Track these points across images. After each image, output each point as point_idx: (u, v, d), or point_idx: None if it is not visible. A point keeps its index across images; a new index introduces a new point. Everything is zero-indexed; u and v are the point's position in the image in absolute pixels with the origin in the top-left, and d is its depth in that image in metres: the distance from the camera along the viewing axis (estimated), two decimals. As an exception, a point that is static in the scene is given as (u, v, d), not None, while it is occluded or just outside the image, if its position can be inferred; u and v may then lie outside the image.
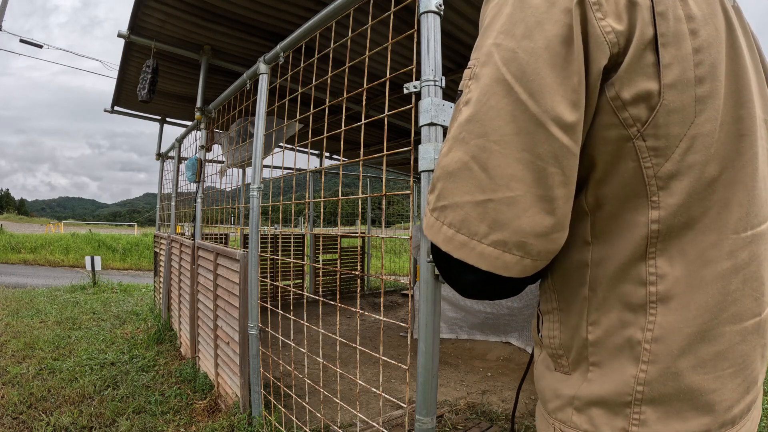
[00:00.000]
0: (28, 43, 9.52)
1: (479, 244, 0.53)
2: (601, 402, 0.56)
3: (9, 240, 15.71)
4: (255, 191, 2.51)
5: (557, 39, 0.49)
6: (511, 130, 0.50)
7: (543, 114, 0.49)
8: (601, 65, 0.49)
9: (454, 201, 0.54)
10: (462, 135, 0.54)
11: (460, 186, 0.54)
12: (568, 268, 0.60)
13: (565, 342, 0.61)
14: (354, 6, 1.78)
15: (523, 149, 0.50)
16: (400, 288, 8.48)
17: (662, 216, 0.52)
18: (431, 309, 1.32)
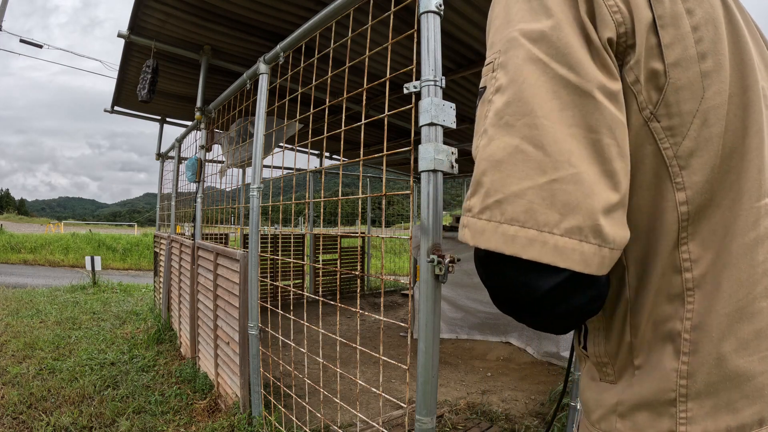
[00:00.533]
0: (28, 43, 9.52)
1: (552, 236, 0.45)
2: (644, 404, 0.53)
3: (9, 240, 15.71)
4: (255, 191, 2.51)
5: (576, 19, 0.49)
6: (556, 106, 0.47)
7: (587, 83, 0.47)
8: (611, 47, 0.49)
9: (510, 191, 0.47)
10: (504, 120, 0.49)
11: (514, 173, 0.47)
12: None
13: (611, 349, 0.58)
14: (354, 6, 1.78)
15: (573, 124, 0.46)
16: (400, 288, 8.48)
17: (689, 196, 0.51)
18: (431, 309, 1.32)
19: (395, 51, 3.48)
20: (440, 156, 1.30)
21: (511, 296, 0.51)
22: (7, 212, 62.11)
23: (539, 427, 2.84)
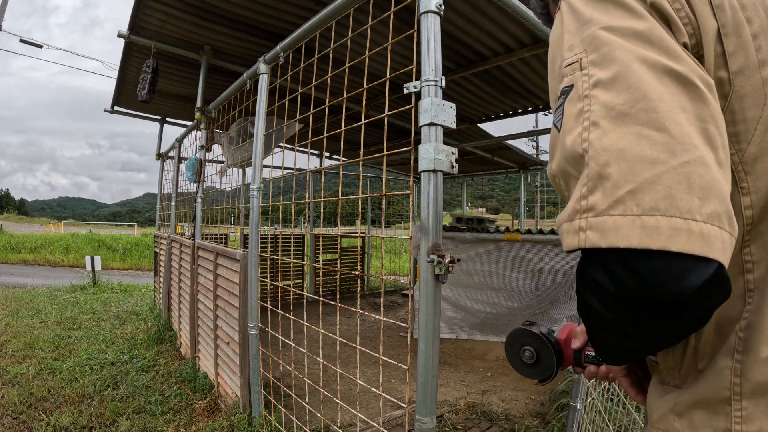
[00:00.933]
0: (28, 43, 9.52)
1: (696, 223, 0.41)
2: (701, 403, 0.53)
3: (9, 240, 15.71)
4: (255, 191, 2.51)
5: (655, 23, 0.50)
6: (666, 91, 0.45)
7: (690, 73, 0.46)
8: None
9: (644, 178, 0.42)
10: (615, 109, 0.45)
11: (643, 158, 0.42)
12: None
13: (677, 355, 0.58)
14: (354, 6, 1.78)
15: (684, 109, 0.45)
16: (400, 288, 8.48)
17: (753, 201, 0.52)
18: (431, 309, 1.32)
19: (395, 51, 3.48)
20: (440, 156, 1.30)
21: (650, 300, 0.42)
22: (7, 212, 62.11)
23: (539, 427, 2.84)
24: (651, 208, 0.42)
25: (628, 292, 0.43)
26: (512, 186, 16.51)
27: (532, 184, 8.63)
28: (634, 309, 0.44)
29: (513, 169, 7.68)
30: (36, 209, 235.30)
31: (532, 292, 4.41)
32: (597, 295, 0.46)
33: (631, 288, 0.43)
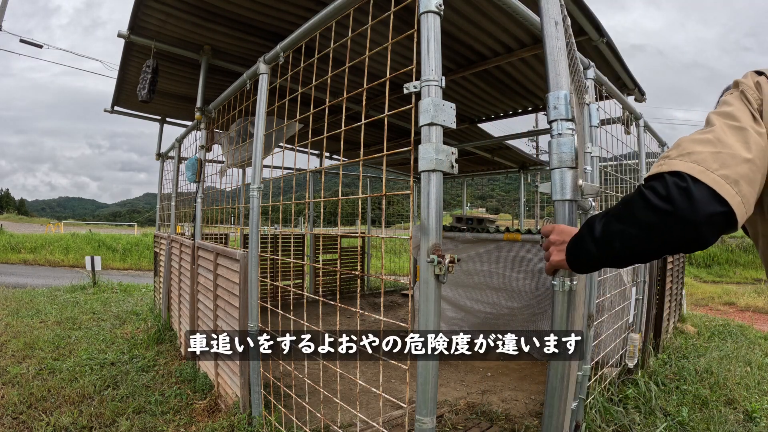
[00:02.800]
0: (28, 43, 9.52)
1: (713, 174, 0.76)
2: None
3: (9, 240, 15.71)
4: (255, 191, 2.51)
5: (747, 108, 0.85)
6: (728, 131, 0.81)
7: (744, 124, 0.81)
8: None
9: (697, 151, 0.79)
10: (703, 134, 0.85)
11: (699, 144, 0.81)
12: None
13: None
14: (354, 6, 1.78)
15: (733, 136, 0.80)
16: (400, 288, 8.48)
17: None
18: (431, 309, 1.32)
19: (395, 51, 3.48)
20: (440, 156, 1.30)
21: (683, 206, 0.75)
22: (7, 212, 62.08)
23: (539, 427, 2.84)
24: (695, 161, 0.77)
25: (672, 196, 0.75)
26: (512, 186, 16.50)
27: (532, 184, 8.62)
28: (674, 213, 0.75)
29: (513, 169, 7.67)
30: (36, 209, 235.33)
31: (532, 292, 4.40)
32: (653, 195, 0.77)
33: (675, 194, 0.75)
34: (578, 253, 0.94)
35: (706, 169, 0.74)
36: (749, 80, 0.84)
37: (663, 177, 0.77)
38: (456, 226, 5.03)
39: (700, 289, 12.40)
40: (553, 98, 1.21)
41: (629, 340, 3.65)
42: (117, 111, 5.42)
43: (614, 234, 0.83)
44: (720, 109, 0.85)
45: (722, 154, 0.76)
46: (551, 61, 1.24)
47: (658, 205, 0.76)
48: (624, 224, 0.82)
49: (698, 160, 0.76)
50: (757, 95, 0.81)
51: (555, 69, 1.23)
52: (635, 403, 3.19)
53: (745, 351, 4.76)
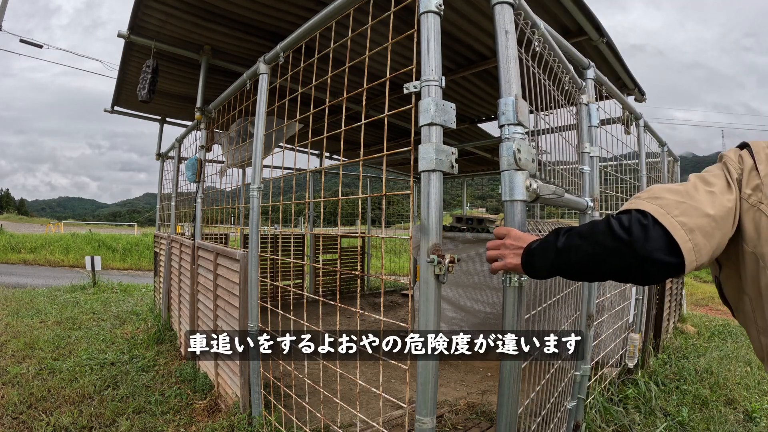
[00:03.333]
0: (28, 42, 9.52)
1: (674, 218, 0.84)
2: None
3: (9, 240, 15.71)
4: (255, 191, 2.51)
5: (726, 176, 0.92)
6: (701, 191, 0.88)
7: (715, 188, 0.88)
8: None
9: (664, 198, 0.87)
10: (676, 188, 0.93)
11: (671, 194, 0.90)
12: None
13: None
14: (354, 6, 1.78)
15: (705, 194, 0.87)
16: (400, 288, 8.48)
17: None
18: (431, 309, 1.32)
19: (395, 51, 3.48)
20: (440, 156, 1.30)
21: (637, 241, 0.83)
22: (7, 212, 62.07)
23: (539, 427, 2.84)
24: (660, 204, 0.84)
25: (632, 229, 0.84)
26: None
27: (532, 184, 8.60)
28: (628, 242, 0.83)
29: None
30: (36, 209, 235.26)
31: (531, 292, 4.40)
32: (616, 224, 0.86)
33: (635, 227, 0.83)
34: (537, 260, 1.03)
35: (668, 213, 0.82)
36: (732, 154, 0.91)
37: (630, 212, 0.86)
38: (456, 226, 5.03)
39: (700, 289, 12.40)
40: (502, 104, 1.29)
41: (629, 340, 3.65)
42: (117, 111, 5.42)
43: (573, 248, 0.93)
44: (700, 173, 0.93)
45: (686, 204, 0.83)
46: (502, 68, 1.32)
47: (618, 232, 0.85)
48: (584, 241, 0.91)
49: (663, 204, 0.84)
50: (738, 167, 0.88)
51: (506, 76, 1.31)
52: (635, 403, 3.19)
53: (745, 351, 4.76)
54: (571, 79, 2.08)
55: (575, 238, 0.93)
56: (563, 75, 2.00)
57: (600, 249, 0.88)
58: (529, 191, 1.26)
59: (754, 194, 0.84)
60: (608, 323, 3.45)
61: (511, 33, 1.32)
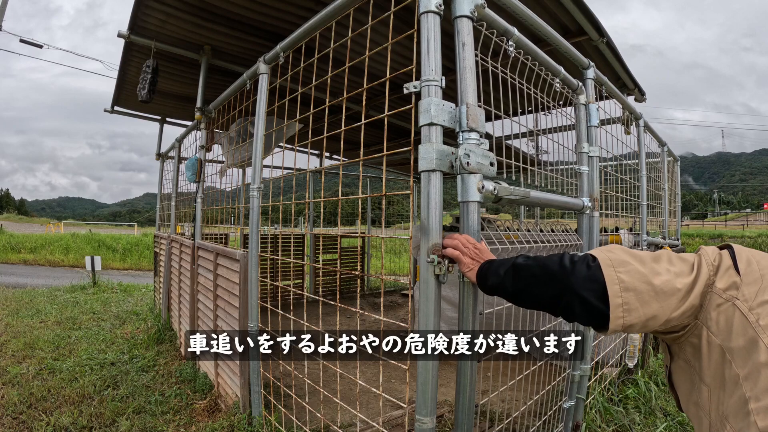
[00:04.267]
0: (28, 42, 9.51)
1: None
2: None
3: (9, 240, 15.71)
4: (255, 191, 2.51)
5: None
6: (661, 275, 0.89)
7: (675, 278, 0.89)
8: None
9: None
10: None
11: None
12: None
13: None
14: (354, 6, 1.78)
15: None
16: (400, 288, 8.47)
17: None
18: (431, 309, 1.32)
19: (395, 51, 3.48)
20: (440, 156, 1.30)
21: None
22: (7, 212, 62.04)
23: (539, 427, 2.84)
24: (610, 258, 0.90)
25: (576, 265, 0.91)
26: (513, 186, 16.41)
27: (532, 185, 8.61)
28: (569, 272, 0.91)
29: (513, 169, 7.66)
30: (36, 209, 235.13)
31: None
32: (568, 258, 0.94)
33: (579, 265, 0.91)
34: (492, 270, 1.11)
35: (613, 266, 0.87)
36: (710, 250, 0.92)
37: (586, 254, 0.93)
38: (456, 226, 5.02)
39: (700, 289, 12.37)
40: (458, 112, 1.37)
41: (629, 340, 3.65)
42: (117, 111, 5.42)
43: (525, 267, 1.02)
44: (676, 254, 0.95)
45: (633, 266, 0.87)
46: (460, 78, 1.39)
47: (564, 262, 0.92)
48: (536, 263, 0.99)
49: (613, 258, 0.88)
50: (713, 261, 0.88)
51: (462, 85, 1.39)
52: (635, 403, 3.19)
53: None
54: (563, 80, 2.08)
55: (532, 260, 1.01)
56: (552, 78, 2.01)
57: (543, 272, 0.96)
58: (482, 192, 1.32)
59: (729, 290, 0.84)
60: (608, 323, 3.44)
61: (468, 45, 1.38)
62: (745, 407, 0.76)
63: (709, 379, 0.86)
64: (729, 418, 0.81)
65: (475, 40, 1.43)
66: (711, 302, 0.85)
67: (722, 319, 0.83)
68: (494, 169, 1.39)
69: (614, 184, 3.45)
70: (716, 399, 0.85)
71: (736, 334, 0.81)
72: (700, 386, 0.89)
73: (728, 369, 0.81)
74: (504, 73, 1.67)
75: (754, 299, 0.81)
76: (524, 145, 3.04)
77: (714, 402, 0.86)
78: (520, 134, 2.09)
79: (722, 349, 0.82)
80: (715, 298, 0.84)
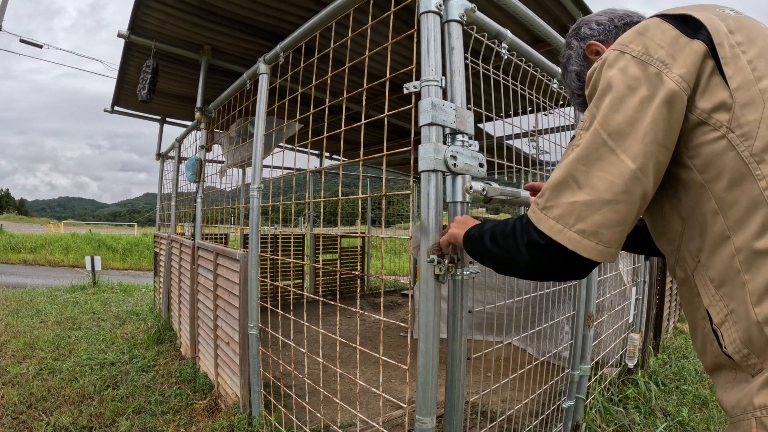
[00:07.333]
0: (28, 42, 9.52)
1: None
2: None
3: (9, 240, 15.71)
4: (255, 191, 2.51)
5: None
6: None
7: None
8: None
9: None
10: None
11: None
12: (725, 267, 0.68)
13: (745, 337, 0.66)
14: (354, 6, 1.78)
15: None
16: (400, 288, 8.48)
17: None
18: (431, 309, 1.32)
19: (395, 51, 3.48)
20: (440, 156, 1.30)
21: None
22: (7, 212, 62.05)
23: (539, 427, 2.84)
24: (554, 217, 0.74)
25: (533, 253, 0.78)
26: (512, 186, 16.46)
27: (533, 185, 8.60)
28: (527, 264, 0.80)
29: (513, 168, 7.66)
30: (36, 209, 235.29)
31: (531, 292, 4.40)
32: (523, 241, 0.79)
33: (534, 253, 0.78)
34: (475, 229, 1.01)
35: (564, 226, 0.71)
36: (665, 31, 0.71)
37: (529, 230, 0.77)
38: (456, 226, 5.02)
39: (700, 289, 12.37)
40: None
41: (629, 340, 3.65)
42: (117, 111, 5.42)
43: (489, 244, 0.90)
44: (598, 102, 0.73)
45: (578, 204, 0.70)
46: (450, 81, 1.41)
47: (524, 252, 0.79)
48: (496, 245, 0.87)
49: (557, 216, 0.72)
50: (682, 63, 0.68)
51: (450, 89, 1.40)
52: (635, 403, 3.19)
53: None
54: (561, 81, 2.09)
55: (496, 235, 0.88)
56: (548, 79, 2.02)
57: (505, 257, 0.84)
58: (470, 193, 1.33)
59: (716, 113, 0.67)
60: (608, 323, 3.45)
61: (457, 48, 1.39)
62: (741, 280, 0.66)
63: (686, 214, 0.75)
64: (703, 253, 0.72)
65: (466, 44, 1.44)
66: (690, 127, 0.69)
67: (708, 152, 0.68)
68: (483, 170, 1.40)
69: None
70: (689, 236, 0.75)
71: (728, 178, 0.66)
72: (672, 216, 0.78)
73: (714, 222, 0.69)
74: (497, 76, 1.68)
75: (757, 136, 0.64)
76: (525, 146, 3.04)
77: (686, 238, 0.76)
78: (516, 135, 2.09)
79: (709, 193, 0.69)
80: (692, 119, 0.69)
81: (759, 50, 0.69)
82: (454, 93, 1.40)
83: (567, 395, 2.55)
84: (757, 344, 0.64)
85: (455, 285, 1.37)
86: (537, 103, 1.98)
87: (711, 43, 0.69)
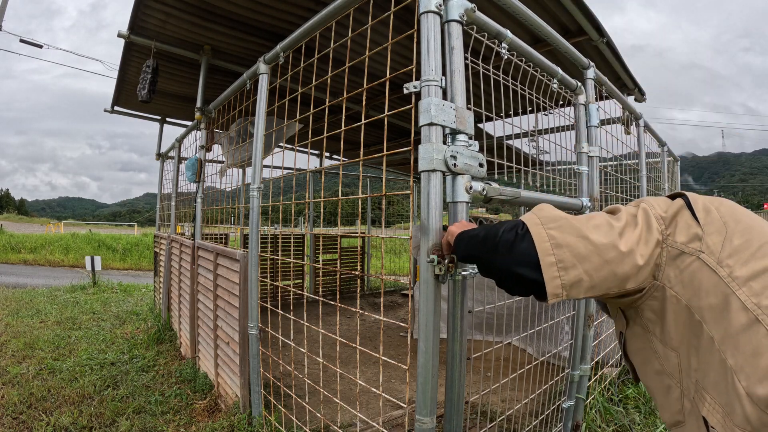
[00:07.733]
0: (28, 42, 9.51)
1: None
2: None
3: (9, 240, 15.71)
4: (255, 191, 2.51)
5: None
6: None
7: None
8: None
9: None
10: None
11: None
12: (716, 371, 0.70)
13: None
14: (354, 6, 1.78)
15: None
16: (400, 288, 8.48)
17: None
18: (431, 309, 1.32)
19: (395, 51, 3.48)
20: (440, 156, 1.30)
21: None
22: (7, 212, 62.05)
23: (539, 427, 2.84)
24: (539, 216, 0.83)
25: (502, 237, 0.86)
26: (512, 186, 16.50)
27: (533, 185, 8.63)
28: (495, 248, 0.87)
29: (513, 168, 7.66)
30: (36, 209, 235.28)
31: (532, 292, 4.39)
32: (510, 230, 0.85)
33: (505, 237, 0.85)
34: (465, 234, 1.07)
35: (541, 223, 0.79)
36: (659, 201, 0.83)
37: (517, 222, 0.86)
38: (456, 226, 5.02)
39: (700, 289, 12.36)
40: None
41: (629, 340, 3.65)
42: (117, 111, 5.42)
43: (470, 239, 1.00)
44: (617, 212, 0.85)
45: (565, 221, 0.78)
46: (450, 81, 1.41)
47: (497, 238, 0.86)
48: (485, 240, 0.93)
49: (542, 216, 0.81)
50: (662, 214, 0.79)
51: (450, 90, 1.40)
52: (635, 403, 3.19)
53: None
54: (561, 81, 2.08)
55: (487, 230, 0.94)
56: (548, 79, 2.01)
57: (484, 249, 0.92)
58: (470, 193, 1.34)
59: (691, 243, 0.74)
60: (608, 323, 3.45)
61: (457, 49, 1.39)
62: (730, 377, 0.67)
63: (677, 342, 0.76)
64: (708, 388, 0.72)
65: (466, 44, 1.44)
66: (670, 259, 0.75)
67: (686, 277, 0.73)
68: (483, 170, 1.40)
69: (614, 184, 3.45)
70: (687, 364, 0.76)
71: (705, 292, 0.71)
72: (666, 352, 0.79)
73: (699, 331, 0.72)
74: (496, 75, 1.67)
75: (721, 251, 0.71)
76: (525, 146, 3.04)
77: (685, 368, 0.76)
78: (516, 135, 2.09)
79: (690, 310, 0.73)
80: (675, 254, 0.75)
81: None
82: (454, 93, 1.40)
83: (567, 395, 2.55)
84: None
85: (455, 285, 1.37)
86: (537, 103, 1.98)
87: None
